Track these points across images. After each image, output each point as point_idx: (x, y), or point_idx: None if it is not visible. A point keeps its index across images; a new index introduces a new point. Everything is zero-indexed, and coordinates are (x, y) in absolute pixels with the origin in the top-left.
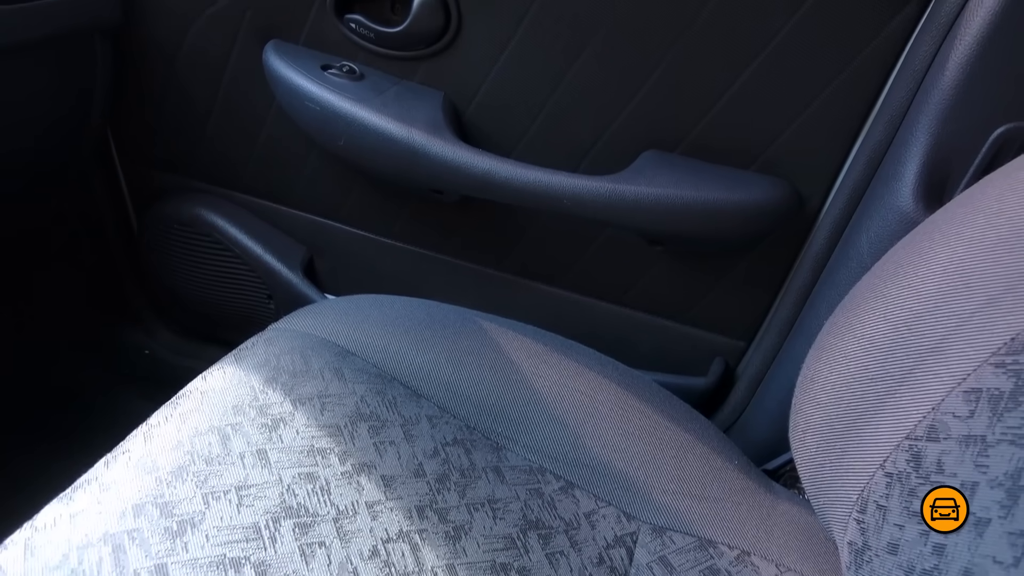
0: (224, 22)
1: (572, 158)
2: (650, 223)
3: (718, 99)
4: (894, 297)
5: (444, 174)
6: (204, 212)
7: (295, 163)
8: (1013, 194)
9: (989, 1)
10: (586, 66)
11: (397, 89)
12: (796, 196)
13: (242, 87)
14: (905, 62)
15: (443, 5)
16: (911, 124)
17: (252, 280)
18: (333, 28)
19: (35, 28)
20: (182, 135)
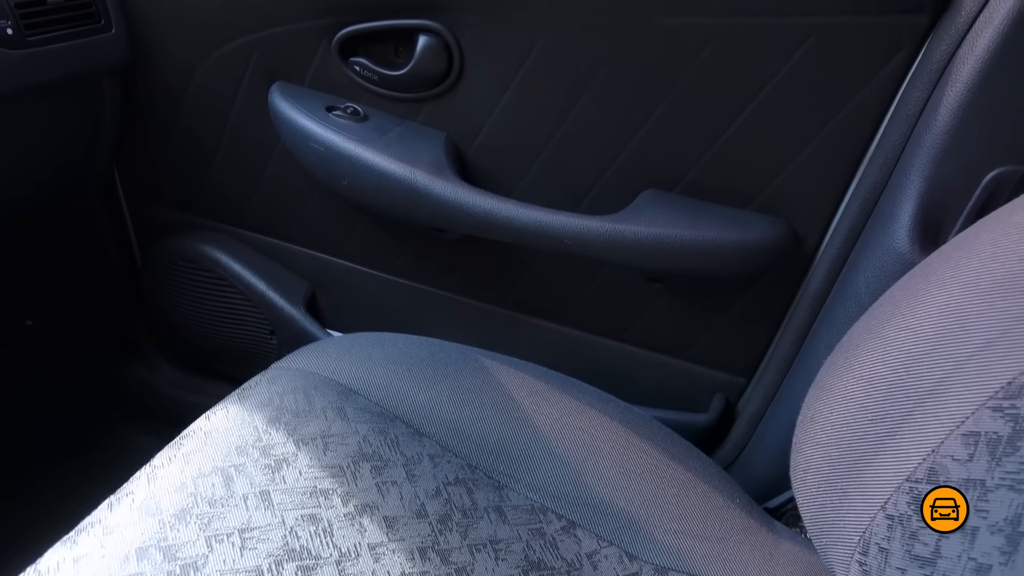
0: (231, 64)
1: (573, 197)
2: (650, 262)
3: (716, 140)
4: (892, 338)
5: (446, 213)
6: (208, 248)
7: (298, 200)
8: (1007, 239)
9: (978, 49)
10: (586, 108)
11: (400, 130)
12: (793, 235)
13: (247, 127)
14: (898, 106)
15: (446, 49)
16: (905, 167)
17: (255, 316)
18: (338, 70)
19: (47, 72)
20: (187, 173)
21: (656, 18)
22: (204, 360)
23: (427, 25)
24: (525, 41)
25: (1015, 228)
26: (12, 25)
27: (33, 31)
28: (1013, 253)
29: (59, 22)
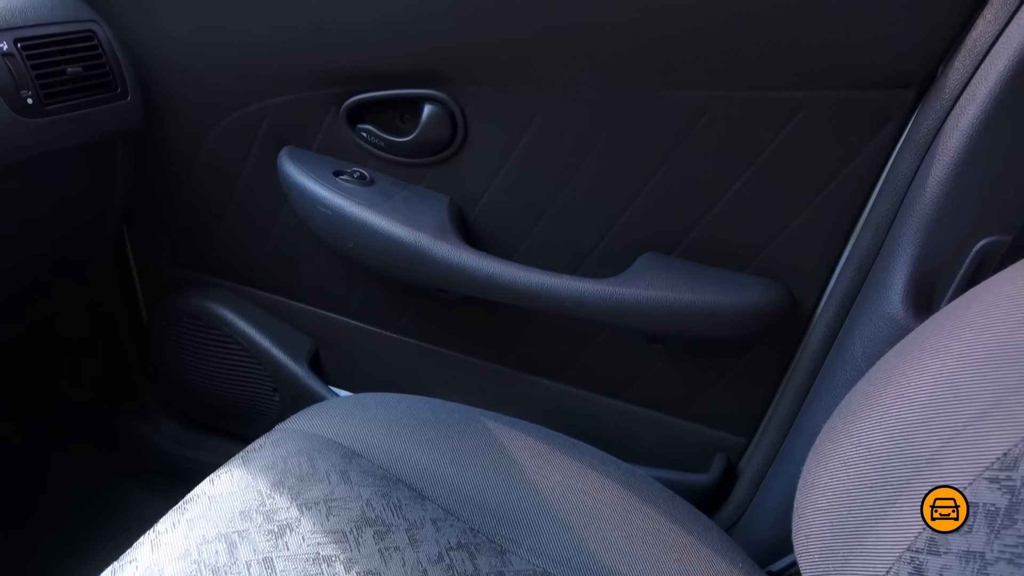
0: (241, 129)
1: (573, 259)
2: (650, 324)
3: (712, 206)
4: (889, 406)
5: (450, 276)
6: (213, 305)
7: (304, 259)
8: (997, 310)
9: (963, 125)
10: (586, 174)
11: (405, 194)
12: (790, 298)
13: (256, 189)
14: (888, 176)
15: (450, 117)
16: (897, 234)
17: (258, 373)
18: (345, 136)
19: (64, 139)
20: (195, 232)
21: (654, 91)
22: (206, 416)
23: (432, 95)
24: (527, 110)
25: (1005, 299)
26: (32, 95)
27: (52, 100)
28: (1003, 325)
29: (77, 91)
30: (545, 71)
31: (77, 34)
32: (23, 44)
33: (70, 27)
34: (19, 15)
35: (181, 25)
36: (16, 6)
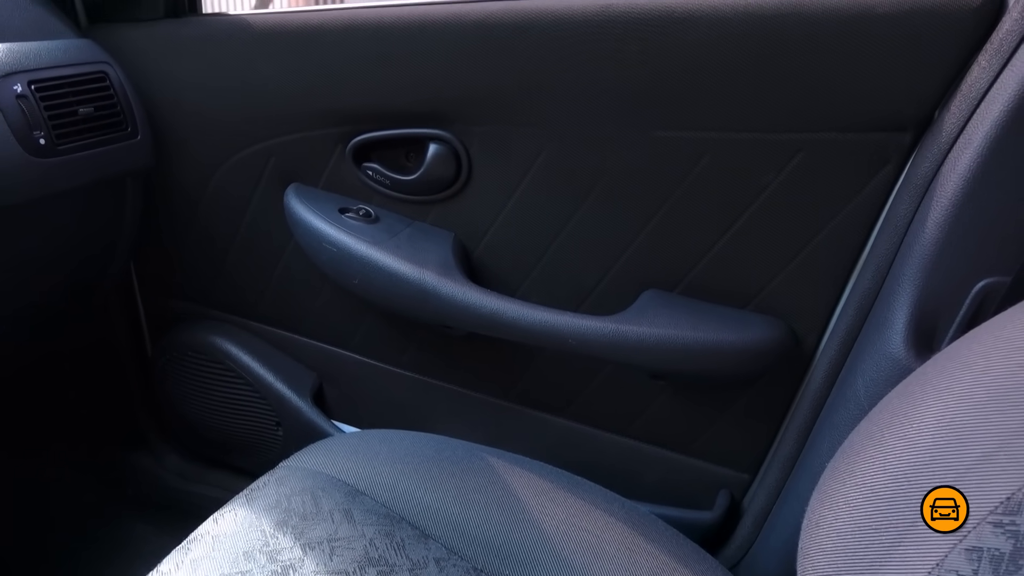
0: (249, 167)
1: (575, 296)
2: (652, 361)
3: (713, 244)
4: (891, 446)
5: (454, 313)
6: (218, 340)
7: (309, 294)
8: (997, 352)
9: (960, 168)
10: (588, 212)
11: (410, 231)
12: (792, 335)
13: (262, 225)
14: (887, 217)
15: (454, 156)
16: (897, 274)
17: (262, 407)
18: (351, 174)
19: (75, 177)
20: (201, 267)
21: (654, 132)
22: (209, 450)
23: (437, 134)
24: (530, 150)
25: (1005, 342)
26: (45, 135)
27: (64, 140)
28: (1004, 367)
29: (89, 131)
30: (548, 113)
31: (90, 75)
32: (37, 86)
33: (83, 69)
34: (33, 58)
35: (192, 67)
36: (31, 49)
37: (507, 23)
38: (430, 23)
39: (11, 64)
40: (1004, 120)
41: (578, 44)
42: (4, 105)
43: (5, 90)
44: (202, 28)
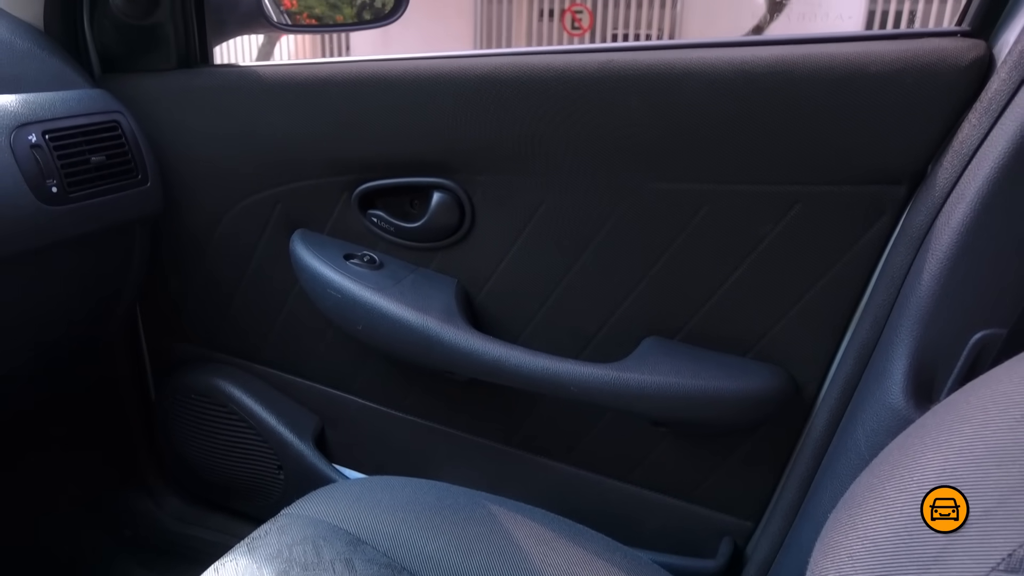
0: (255, 214)
1: (577, 342)
2: (654, 409)
3: (713, 293)
4: (892, 499)
5: (457, 360)
6: (221, 382)
7: (312, 338)
8: (995, 407)
9: (954, 222)
10: (589, 260)
11: (414, 277)
12: (792, 384)
13: (267, 270)
14: (884, 268)
15: (458, 204)
16: (895, 325)
17: (263, 451)
18: (357, 221)
19: (86, 224)
20: (206, 310)
21: (654, 183)
22: (210, 493)
23: (441, 183)
24: (532, 200)
25: (1002, 396)
26: (57, 183)
27: (76, 188)
28: (1003, 422)
29: (100, 179)
30: (549, 164)
31: (102, 124)
32: (51, 135)
33: (96, 118)
34: (48, 108)
35: (202, 116)
36: (46, 100)
37: (511, 77)
38: (436, 76)
39: (27, 115)
40: (996, 176)
41: (579, 98)
42: (19, 155)
43: (20, 140)
44: (213, 79)
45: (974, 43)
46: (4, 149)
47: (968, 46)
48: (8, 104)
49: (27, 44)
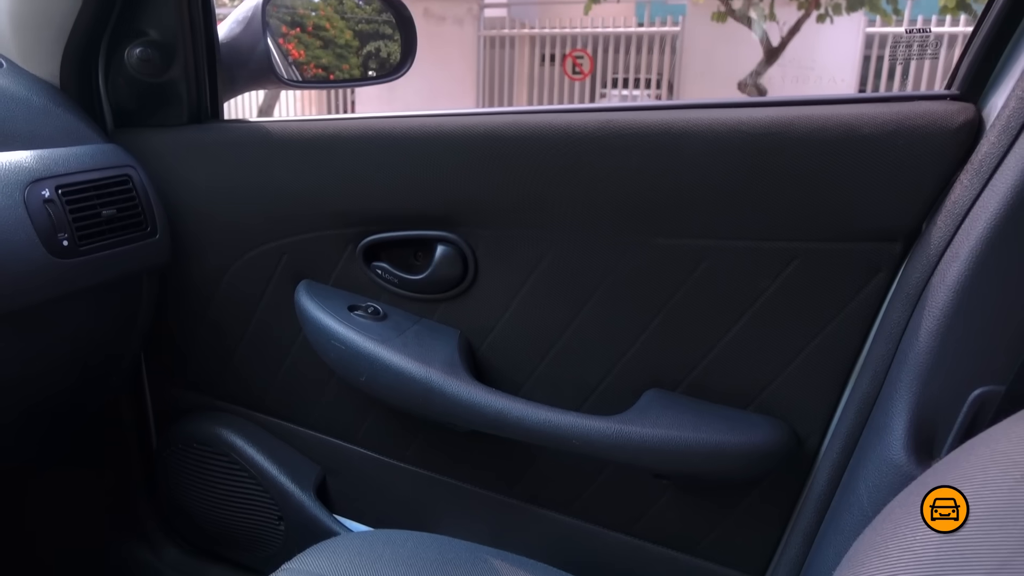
0: (261, 265)
1: (579, 394)
2: (656, 463)
3: (714, 346)
4: (896, 559)
5: (459, 412)
6: (223, 431)
7: (315, 388)
8: (995, 467)
9: (949, 280)
10: (590, 313)
11: (417, 328)
12: (794, 437)
13: (272, 320)
14: (882, 324)
15: (461, 257)
16: (894, 381)
17: (264, 501)
18: (361, 273)
19: (95, 276)
20: (210, 360)
21: (654, 238)
22: (209, 544)
23: (445, 236)
24: (534, 253)
25: (1001, 456)
26: (68, 237)
27: (87, 241)
28: (1003, 483)
29: (111, 232)
30: (551, 218)
31: (114, 178)
32: (64, 190)
33: (107, 172)
34: (62, 163)
35: (212, 170)
36: (60, 155)
37: (513, 135)
38: (440, 133)
39: (41, 170)
40: (989, 236)
41: (580, 156)
42: (32, 210)
43: (34, 195)
44: (223, 134)
45: (963, 106)
46: (18, 204)
47: (958, 109)
48: (23, 160)
49: (43, 101)
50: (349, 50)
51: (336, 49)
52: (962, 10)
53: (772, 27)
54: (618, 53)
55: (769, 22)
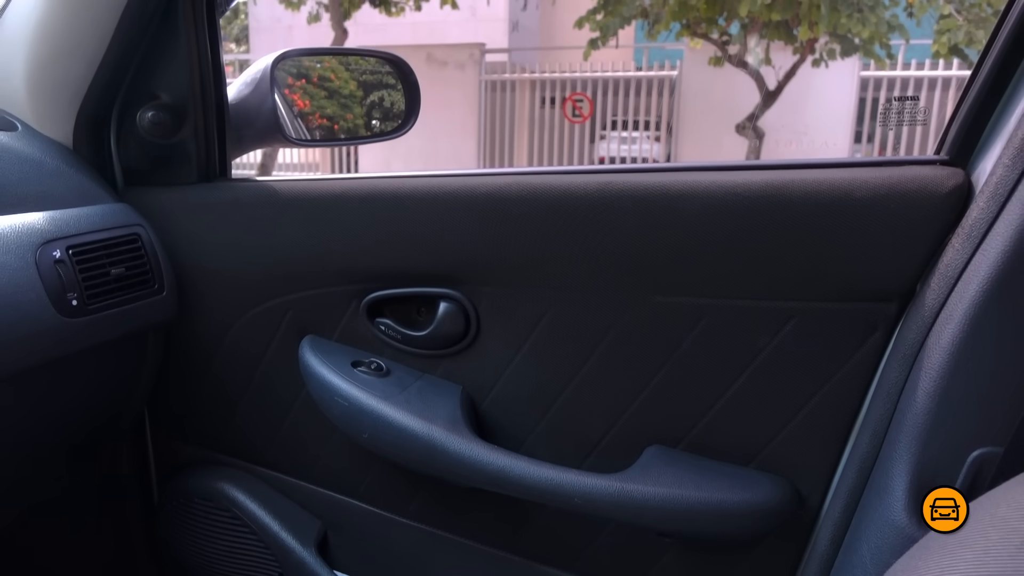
0: (266, 321)
1: (581, 450)
2: (658, 522)
3: (714, 403)
4: None
5: (461, 470)
6: (225, 486)
7: (318, 442)
8: (995, 532)
9: (944, 342)
10: (591, 370)
11: (420, 384)
12: (796, 495)
13: (275, 375)
14: (879, 384)
15: (464, 313)
16: (893, 440)
17: (265, 558)
18: (365, 329)
19: (102, 334)
20: (213, 414)
21: (654, 296)
22: None
23: (448, 293)
24: (536, 310)
25: (1001, 522)
26: (77, 297)
27: (95, 300)
28: (1004, 549)
29: (119, 290)
30: (552, 277)
31: (123, 238)
32: (74, 251)
33: (117, 232)
34: (73, 224)
35: (220, 227)
36: (71, 216)
37: (514, 196)
38: (444, 193)
39: (53, 231)
40: (982, 300)
41: (580, 217)
42: (43, 271)
43: (45, 256)
44: (231, 192)
45: (953, 171)
46: (29, 266)
47: (947, 174)
48: (36, 222)
49: (56, 162)
50: (353, 100)
51: (340, 99)
52: (954, 55)
53: (768, 71)
54: (617, 96)
55: (765, 66)
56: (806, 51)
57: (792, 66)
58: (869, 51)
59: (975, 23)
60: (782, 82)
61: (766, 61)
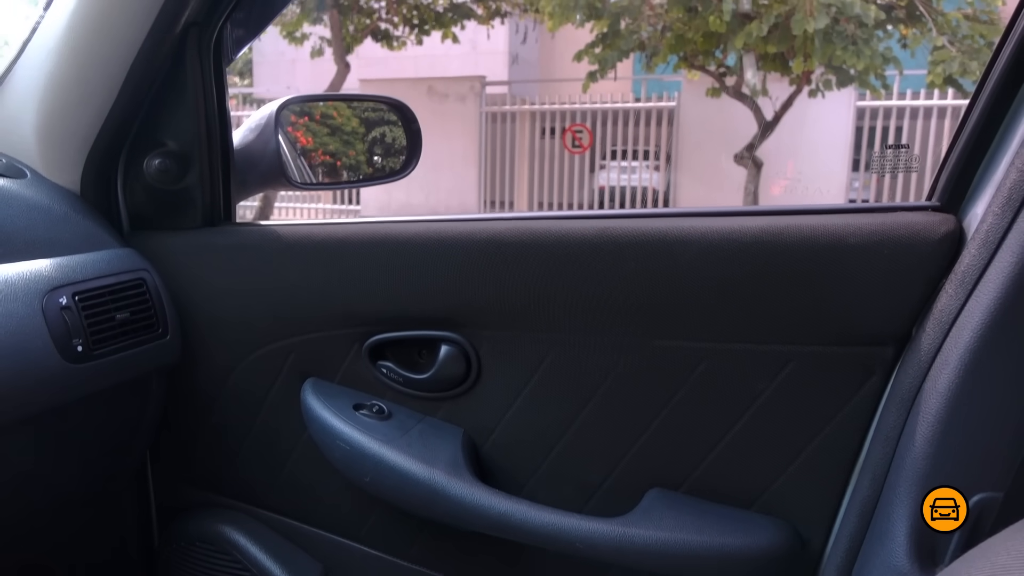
0: (268, 364)
1: (581, 494)
2: (659, 567)
3: (714, 446)
4: None
5: (463, 514)
6: (226, 530)
7: (319, 486)
8: None
9: (940, 387)
10: (592, 412)
11: (421, 427)
12: (798, 539)
13: (277, 418)
14: (878, 428)
15: (465, 357)
16: (893, 485)
17: None
18: (367, 371)
19: (107, 379)
20: (215, 457)
21: (653, 340)
22: None
23: (449, 336)
24: (536, 353)
25: (1002, 571)
26: (82, 342)
27: (100, 345)
28: None
29: (124, 335)
30: (551, 321)
31: (129, 283)
32: (80, 297)
33: (123, 277)
34: (79, 271)
35: (224, 271)
36: (77, 263)
37: (514, 240)
38: (444, 238)
39: (59, 278)
40: (976, 346)
41: (579, 261)
42: (49, 317)
43: (51, 303)
44: (236, 236)
45: (944, 218)
46: (36, 313)
47: (939, 221)
48: (43, 269)
49: (63, 209)
50: (355, 136)
51: (343, 136)
52: (949, 84)
53: (766, 102)
54: (616, 127)
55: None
56: (802, 82)
57: (789, 96)
58: (864, 82)
59: (968, 54)
60: (779, 112)
61: (763, 92)
